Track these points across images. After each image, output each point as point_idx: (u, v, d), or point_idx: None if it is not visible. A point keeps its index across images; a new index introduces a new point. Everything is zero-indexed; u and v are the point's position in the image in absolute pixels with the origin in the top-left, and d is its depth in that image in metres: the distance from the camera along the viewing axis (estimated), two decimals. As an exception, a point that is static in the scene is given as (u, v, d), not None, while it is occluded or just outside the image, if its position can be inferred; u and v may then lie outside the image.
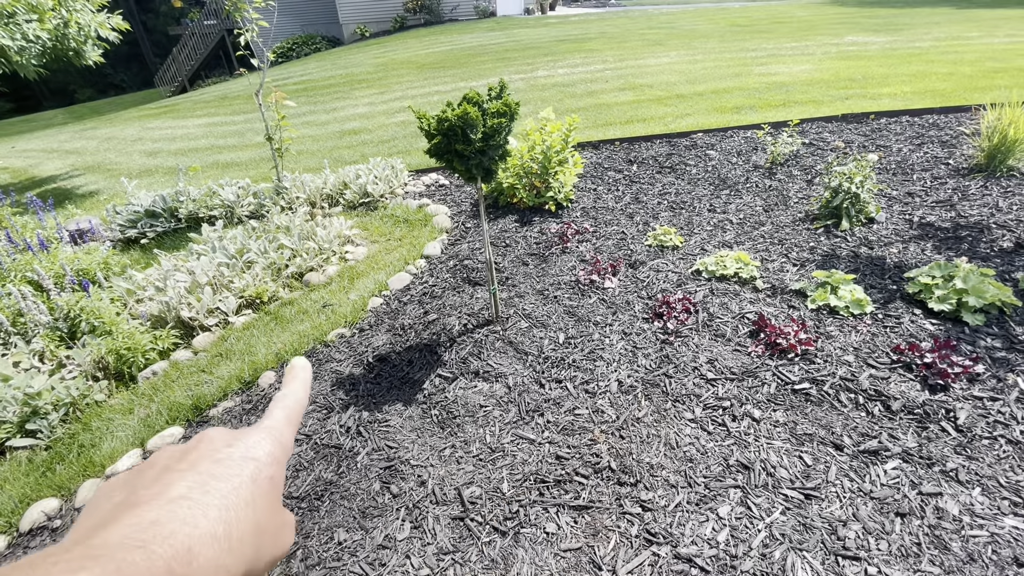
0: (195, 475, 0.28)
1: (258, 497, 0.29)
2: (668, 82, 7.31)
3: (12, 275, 3.28)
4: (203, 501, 0.26)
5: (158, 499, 0.26)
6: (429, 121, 2.01)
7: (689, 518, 1.65)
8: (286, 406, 0.36)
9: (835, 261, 2.86)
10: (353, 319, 2.89)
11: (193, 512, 0.26)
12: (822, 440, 1.84)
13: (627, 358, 2.34)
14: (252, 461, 0.30)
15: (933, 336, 2.22)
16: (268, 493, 0.30)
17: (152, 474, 0.29)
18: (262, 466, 0.30)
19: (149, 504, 0.26)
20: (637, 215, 3.69)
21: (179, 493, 0.26)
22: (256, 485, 0.29)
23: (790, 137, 4.23)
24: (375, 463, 1.98)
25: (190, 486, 0.27)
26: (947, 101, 5.17)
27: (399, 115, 7.45)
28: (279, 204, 4.28)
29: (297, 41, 17.55)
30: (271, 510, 0.30)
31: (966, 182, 3.53)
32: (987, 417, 1.84)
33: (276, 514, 0.30)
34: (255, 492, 0.29)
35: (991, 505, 1.57)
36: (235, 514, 0.27)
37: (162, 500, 0.26)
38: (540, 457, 1.92)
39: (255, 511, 0.28)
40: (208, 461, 0.29)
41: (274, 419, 0.35)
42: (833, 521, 1.58)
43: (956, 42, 8.48)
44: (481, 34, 14.18)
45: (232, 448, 0.31)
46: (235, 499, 0.28)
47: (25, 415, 2.27)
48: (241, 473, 0.29)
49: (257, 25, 4.10)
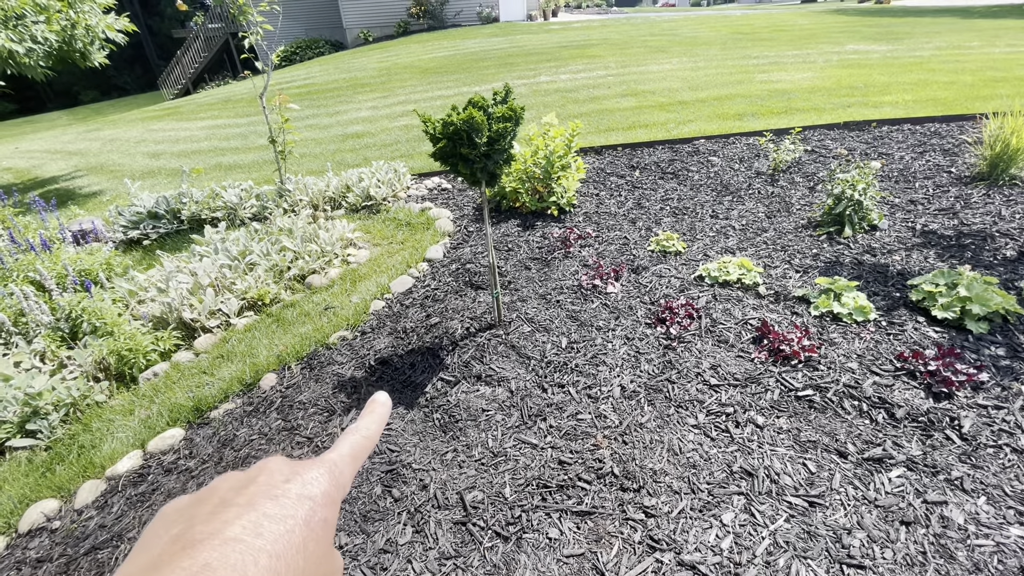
0: (251, 514, 0.27)
1: (310, 542, 0.27)
2: (670, 88, 7.34)
3: (15, 275, 3.28)
4: (255, 545, 0.25)
5: (212, 539, 0.25)
6: (434, 125, 2.01)
7: (692, 525, 1.64)
8: (354, 442, 0.35)
9: (838, 268, 2.86)
10: (355, 322, 2.89)
11: (244, 559, 0.25)
12: (826, 447, 1.83)
13: (630, 363, 2.34)
14: (308, 500, 0.29)
15: (937, 344, 2.21)
16: (320, 538, 0.28)
17: (210, 507, 0.28)
18: (317, 507, 0.29)
19: (203, 544, 0.25)
20: (640, 220, 3.69)
21: (234, 534, 0.25)
22: (309, 529, 0.28)
23: (792, 144, 4.24)
24: (376, 466, 1.97)
25: (244, 526, 0.26)
26: (949, 110, 5.19)
27: (402, 119, 7.48)
28: (282, 206, 4.29)
29: (301, 45, 17.65)
30: (321, 554, 0.28)
31: (968, 190, 3.54)
32: (992, 426, 1.83)
33: (326, 559, 0.29)
34: (307, 536, 0.27)
35: (996, 514, 1.56)
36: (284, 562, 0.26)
37: (216, 541, 0.25)
38: (543, 462, 1.91)
39: (305, 558, 0.27)
40: (265, 497, 0.28)
41: (339, 452, 0.33)
42: (837, 529, 1.57)
43: (957, 51, 8.52)
44: (484, 39, 14.25)
45: (290, 484, 0.29)
46: (286, 544, 0.26)
47: (25, 415, 2.26)
48: (296, 515, 0.28)
49: (261, 29, 4.12)
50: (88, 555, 1.78)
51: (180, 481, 2.03)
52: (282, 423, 2.25)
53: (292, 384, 2.48)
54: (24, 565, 1.78)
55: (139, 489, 2.02)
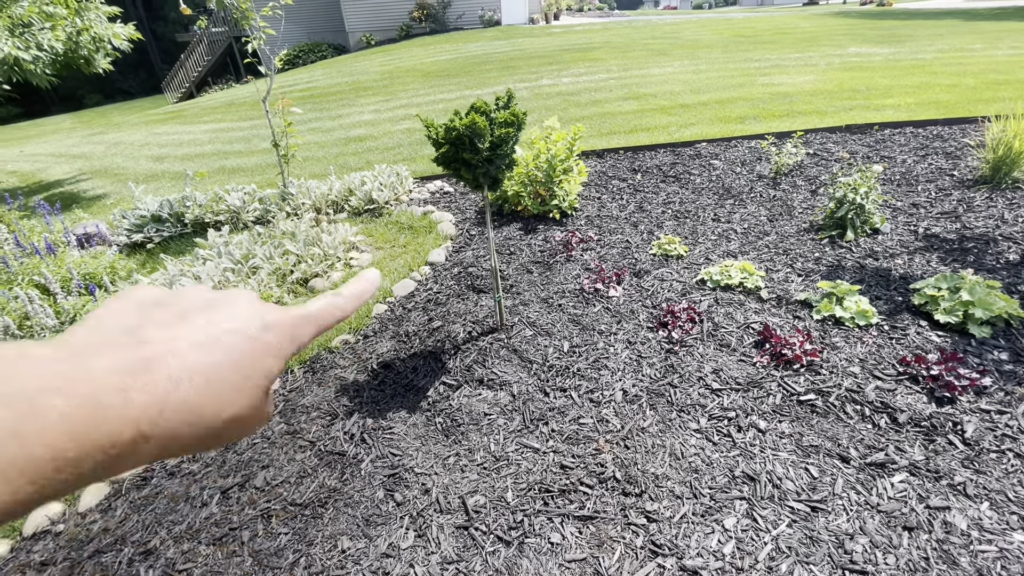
0: (202, 336, 0.27)
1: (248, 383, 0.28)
2: (672, 92, 7.35)
3: (19, 278, 3.30)
4: (195, 366, 0.26)
5: (161, 346, 0.26)
6: (437, 130, 2.02)
7: (695, 529, 1.64)
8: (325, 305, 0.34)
9: (840, 272, 2.86)
10: (357, 325, 2.90)
11: (181, 375, 0.25)
12: (828, 452, 1.83)
13: (632, 367, 2.34)
14: (261, 344, 0.29)
15: (940, 348, 2.21)
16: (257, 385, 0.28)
17: (169, 315, 0.28)
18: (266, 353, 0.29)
19: (150, 347, 0.25)
20: (641, 224, 3.70)
21: (180, 349, 0.26)
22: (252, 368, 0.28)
23: (794, 147, 4.24)
24: (379, 470, 1.98)
25: (193, 344, 0.26)
26: (951, 112, 5.18)
27: (404, 122, 7.50)
28: (285, 210, 4.31)
29: (304, 49, 17.73)
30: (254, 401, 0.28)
31: (971, 194, 3.53)
32: (995, 430, 1.83)
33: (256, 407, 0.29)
34: (247, 376, 0.28)
35: (1000, 520, 1.56)
36: (215, 390, 0.26)
37: (163, 348, 0.26)
38: (544, 466, 1.91)
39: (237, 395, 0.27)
40: (222, 325, 0.28)
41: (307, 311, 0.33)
42: (840, 534, 1.57)
43: (959, 54, 8.51)
44: (486, 43, 14.30)
45: (250, 321, 0.29)
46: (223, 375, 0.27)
47: (30, 419, 2.27)
48: (243, 351, 0.28)
49: (264, 33, 4.15)
50: (92, 559, 1.79)
51: (183, 485, 2.03)
52: (285, 427, 2.26)
53: (295, 388, 2.49)
54: (28, 569, 1.79)
55: (142, 492, 2.03)
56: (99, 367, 0.24)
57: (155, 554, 1.77)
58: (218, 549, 1.77)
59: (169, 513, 1.92)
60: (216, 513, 1.89)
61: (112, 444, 0.23)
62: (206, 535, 1.82)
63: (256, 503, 1.91)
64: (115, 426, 0.23)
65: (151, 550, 1.79)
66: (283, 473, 2.02)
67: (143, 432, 0.24)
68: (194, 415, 0.25)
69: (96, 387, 0.23)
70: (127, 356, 0.25)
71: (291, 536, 1.77)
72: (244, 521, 1.85)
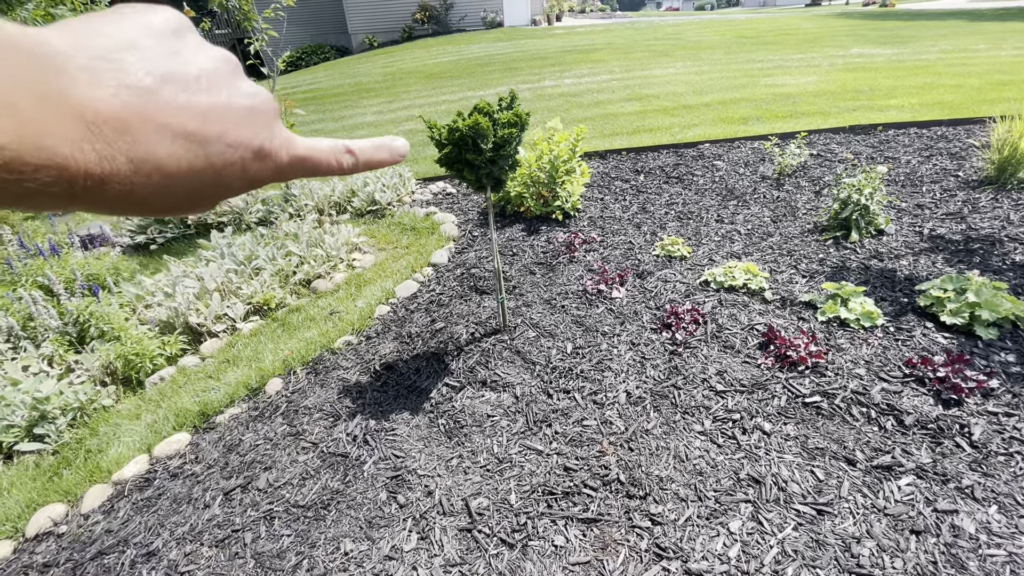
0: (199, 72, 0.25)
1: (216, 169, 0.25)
2: (674, 93, 7.34)
3: (24, 279, 3.31)
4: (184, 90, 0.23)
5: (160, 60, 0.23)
6: (440, 131, 2.02)
7: (699, 533, 1.63)
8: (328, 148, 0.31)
9: (845, 273, 2.85)
10: (360, 326, 2.89)
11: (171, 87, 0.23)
12: (834, 455, 1.82)
13: (635, 369, 2.33)
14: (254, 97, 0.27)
15: (946, 350, 2.19)
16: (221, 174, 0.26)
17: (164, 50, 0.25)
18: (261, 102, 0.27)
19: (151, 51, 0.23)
20: (644, 225, 3.69)
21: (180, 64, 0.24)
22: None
23: (798, 148, 4.22)
24: (382, 472, 1.97)
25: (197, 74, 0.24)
26: (955, 113, 5.16)
27: (407, 124, 7.51)
28: (287, 211, 4.31)
29: (306, 50, 17.77)
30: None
31: (976, 194, 3.51)
32: (1002, 433, 1.81)
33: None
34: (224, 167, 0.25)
35: (1008, 523, 1.54)
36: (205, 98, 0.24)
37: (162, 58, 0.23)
38: (548, 468, 1.90)
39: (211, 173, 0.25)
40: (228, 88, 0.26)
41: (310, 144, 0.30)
42: (847, 538, 1.56)
43: (963, 55, 8.48)
44: (488, 44, 14.31)
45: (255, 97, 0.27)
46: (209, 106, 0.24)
47: (33, 419, 2.27)
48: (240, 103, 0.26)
49: (267, 35, 4.15)
50: (94, 560, 1.78)
51: (186, 486, 2.03)
52: (287, 428, 2.25)
53: (297, 389, 2.49)
54: (31, 570, 1.78)
55: (145, 494, 2.02)
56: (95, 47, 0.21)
57: (157, 556, 1.77)
58: (220, 551, 1.76)
59: (172, 515, 1.92)
60: (218, 515, 1.89)
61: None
62: (208, 537, 1.81)
63: (259, 505, 1.91)
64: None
65: (153, 552, 1.78)
66: (286, 475, 2.02)
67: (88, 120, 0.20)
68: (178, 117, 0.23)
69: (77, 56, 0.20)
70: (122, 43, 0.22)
71: (293, 538, 1.76)
72: (246, 523, 1.84)
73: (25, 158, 0.19)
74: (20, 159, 0.19)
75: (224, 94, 0.25)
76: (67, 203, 0.21)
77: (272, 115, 0.28)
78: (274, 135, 0.27)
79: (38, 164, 0.19)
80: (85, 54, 0.21)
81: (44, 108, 0.19)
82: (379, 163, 0.33)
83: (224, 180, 0.26)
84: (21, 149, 0.19)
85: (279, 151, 0.28)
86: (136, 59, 0.23)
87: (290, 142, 0.29)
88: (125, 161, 0.22)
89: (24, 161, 0.19)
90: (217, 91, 0.25)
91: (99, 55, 0.22)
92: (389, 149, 0.34)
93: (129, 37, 0.23)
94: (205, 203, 0.27)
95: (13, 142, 0.18)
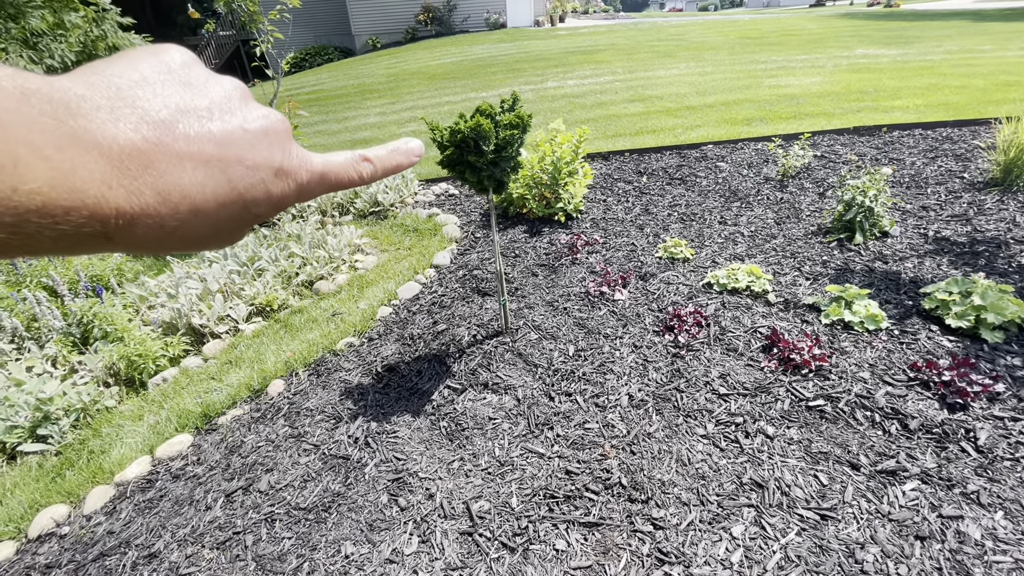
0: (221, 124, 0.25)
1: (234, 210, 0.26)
2: (678, 94, 7.32)
3: (28, 280, 3.32)
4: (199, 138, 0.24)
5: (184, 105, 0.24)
6: (442, 133, 2.01)
7: (702, 537, 1.62)
8: (346, 161, 0.31)
9: (849, 275, 2.83)
10: (362, 328, 2.89)
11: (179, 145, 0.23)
12: (838, 459, 1.81)
13: (638, 372, 2.32)
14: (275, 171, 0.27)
15: (951, 353, 2.17)
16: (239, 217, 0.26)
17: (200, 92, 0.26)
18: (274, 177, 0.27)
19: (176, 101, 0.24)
20: (647, 227, 3.68)
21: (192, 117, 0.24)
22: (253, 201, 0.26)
23: (801, 150, 4.21)
24: (383, 475, 1.97)
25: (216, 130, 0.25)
26: (960, 114, 5.13)
27: (410, 124, 7.52)
28: (290, 212, 4.32)
29: (310, 51, 17.83)
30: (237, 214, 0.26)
31: (982, 196, 3.49)
32: (1008, 438, 1.80)
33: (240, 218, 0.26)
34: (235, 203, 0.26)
35: (1014, 529, 1.52)
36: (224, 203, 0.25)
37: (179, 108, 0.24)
38: (550, 472, 1.90)
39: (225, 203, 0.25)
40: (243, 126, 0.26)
41: (326, 160, 0.30)
42: (850, 543, 1.54)
43: (968, 55, 8.44)
44: (491, 45, 14.32)
45: (267, 119, 0.28)
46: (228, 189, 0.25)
47: (37, 420, 2.28)
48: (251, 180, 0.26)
49: (272, 36, 4.17)
50: (96, 561, 1.79)
51: (188, 488, 2.03)
52: (289, 430, 2.25)
53: (299, 390, 2.49)
54: (33, 571, 1.79)
55: (147, 495, 2.03)
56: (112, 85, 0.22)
57: (159, 558, 1.77)
58: (222, 553, 1.76)
59: (173, 516, 1.92)
60: (220, 517, 1.89)
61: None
62: (210, 539, 1.81)
63: (260, 507, 1.91)
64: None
65: (155, 553, 1.78)
66: (287, 477, 2.02)
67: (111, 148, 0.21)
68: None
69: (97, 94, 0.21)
70: (142, 95, 0.23)
71: (294, 541, 1.76)
72: (248, 525, 1.84)
73: (58, 201, 0.19)
74: (53, 202, 0.19)
75: (237, 119, 0.26)
76: (102, 244, 0.22)
77: (286, 135, 0.28)
78: (291, 154, 0.28)
79: (70, 206, 0.20)
80: (102, 94, 0.22)
81: (70, 150, 0.20)
82: (396, 167, 0.33)
83: (249, 205, 0.26)
84: (53, 193, 0.19)
85: (298, 169, 0.28)
86: (150, 94, 0.23)
87: (307, 159, 0.29)
88: (153, 195, 0.22)
89: (57, 204, 0.19)
90: (230, 117, 0.26)
91: (115, 94, 0.22)
92: (405, 152, 0.34)
93: (142, 75, 0.24)
94: (235, 232, 0.28)
95: (44, 186, 0.19)
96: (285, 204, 0.28)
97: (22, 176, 0.18)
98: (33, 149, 0.19)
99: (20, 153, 0.18)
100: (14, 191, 0.18)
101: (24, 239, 0.19)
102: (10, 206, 0.18)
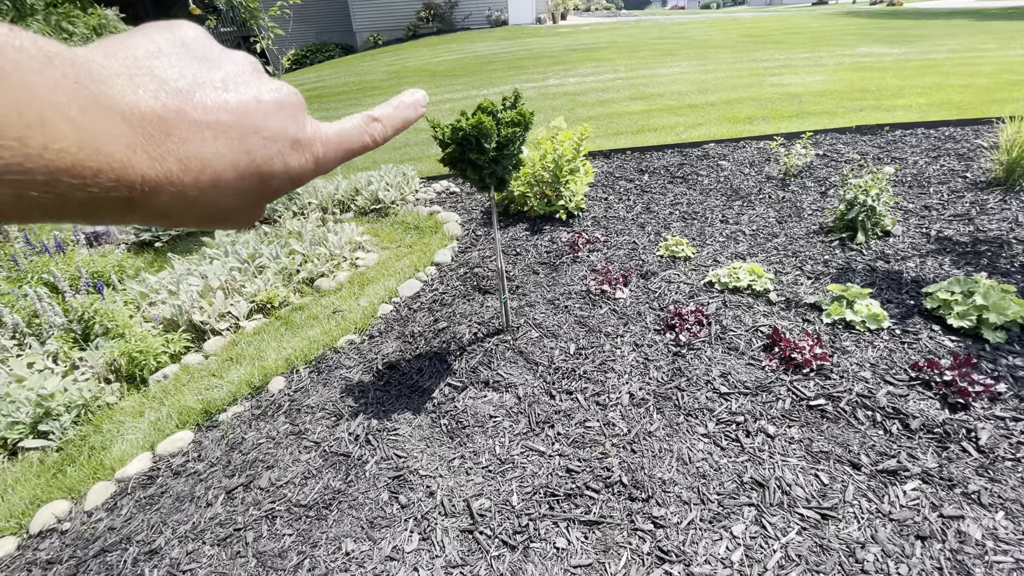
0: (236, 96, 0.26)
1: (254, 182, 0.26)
2: (679, 92, 7.30)
3: (29, 276, 3.32)
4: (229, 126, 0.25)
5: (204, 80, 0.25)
6: (443, 130, 2.01)
7: (702, 536, 1.62)
8: (357, 126, 0.31)
9: (850, 275, 2.82)
10: (363, 325, 2.89)
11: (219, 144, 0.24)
12: (839, 458, 1.80)
13: (639, 370, 2.32)
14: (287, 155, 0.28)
15: (953, 353, 2.17)
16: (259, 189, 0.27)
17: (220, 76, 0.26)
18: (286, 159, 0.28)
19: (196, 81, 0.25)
20: (648, 225, 3.67)
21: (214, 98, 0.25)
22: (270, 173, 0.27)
23: (803, 148, 4.19)
24: (384, 472, 1.97)
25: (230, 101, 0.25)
26: (963, 113, 5.11)
27: (411, 122, 7.50)
28: (291, 209, 4.31)
29: (311, 48, 17.78)
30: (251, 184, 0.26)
31: (984, 196, 3.48)
32: (1010, 438, 1.79)
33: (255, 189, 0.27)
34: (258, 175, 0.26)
35: (1015, 530, 1.52)
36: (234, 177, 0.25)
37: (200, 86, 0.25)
38: (550, 470, 1.90)
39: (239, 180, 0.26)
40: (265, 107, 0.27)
41: (338, 128, 0.31)
42: (851, 543, 1.54)
43: (972, 54, 8.41)
44: (493, 43, 14.28)
45: (279, 91, 0.28)
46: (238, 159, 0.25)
47: (38, 416, 2.28)
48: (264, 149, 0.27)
49: (273, 33, 4.16)
50: (97, 557, 1.79)
51: (188, 484, 2.03)
52: (290, 427, 2.25)
53: (300, 388, 2.49)
54: (34, 566, 1.79)
55: (148, 491, 2.03)
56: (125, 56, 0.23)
57: (160, 554, 1.77)
58: (222, 550, 1.76)
59: (174, 512, 1.92)
60: (221, 513, 1.89)
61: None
62: (210, 535, 1.81)
63: (260, 504, 1.91)
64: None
65: (156, 550, 1.79)
66: (288, 474, 2.02)
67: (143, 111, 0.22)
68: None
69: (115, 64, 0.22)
70: (160, 64, 0.24)
71: (295, 538, 1.77)
72: (248, 522, 1.85)
73: (86, 162, 0.20)
74: (82, 163, 0.20)
75: (251, 91, 0.27)
76: (127, 211, 0.22)
77: (299, 107, 0.29)
78: (304, 126, 0.29)
79: (98, 168, 0.20)
80: (121, 63, 0.22)
81: (93, 113, 0.20)
82: (404, 122, 0.34)
83: (267, 178, 0.27)
84: (81, 153, 0.20)
85: (313, 140, 0.29)
86: (167, 65, 0.24)
87: (320, 130, 0.30)
88: (175, 162, 0.23)
89: (85, 165, 0.20)
90: (244, 88, 0.26)
91: (133, 63, 0.23)
92: (411, 104, 0.34)
93: (158, 47, 0.24)
94: (252, 208, 0.28)
95: (72, 146, 0.19)
96: (303, 179, 0.29)
97: (50, 134, 0.19)
98: (58, 110, 0.19)
99: (47, 113, 0.19)
100: (44, 148, 0.19)
101: (56, 199, 0.20)
102: (41, 164, 0.19)
